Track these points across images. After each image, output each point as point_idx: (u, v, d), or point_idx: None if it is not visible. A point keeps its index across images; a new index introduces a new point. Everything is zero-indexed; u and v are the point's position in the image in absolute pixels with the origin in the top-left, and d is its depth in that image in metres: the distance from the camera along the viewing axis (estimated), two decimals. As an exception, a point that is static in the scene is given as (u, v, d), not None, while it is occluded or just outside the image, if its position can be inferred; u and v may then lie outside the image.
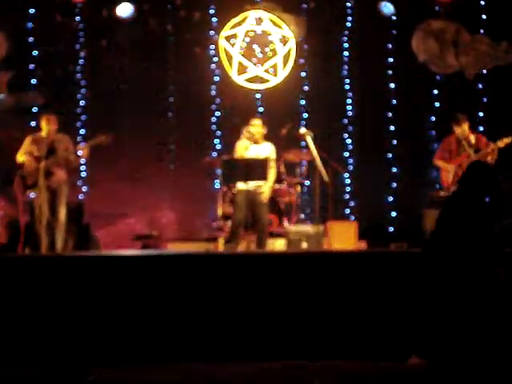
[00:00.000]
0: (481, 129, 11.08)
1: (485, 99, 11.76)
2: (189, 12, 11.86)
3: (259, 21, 10.75)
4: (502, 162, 8.94)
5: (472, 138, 8.65)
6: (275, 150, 9.20)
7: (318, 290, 7.03)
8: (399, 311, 6.98)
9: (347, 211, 11.75)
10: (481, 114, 11.63)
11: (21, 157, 8.45)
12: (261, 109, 11.85)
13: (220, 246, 9.60)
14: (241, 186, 8.86)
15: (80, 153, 8.63)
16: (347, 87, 12.04)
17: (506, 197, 8.42)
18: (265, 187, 8.89)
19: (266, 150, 9.04)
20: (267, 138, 9.26)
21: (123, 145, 11.64)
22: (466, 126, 8.69)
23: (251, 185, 8.80)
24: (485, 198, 5.91)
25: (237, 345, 6.88)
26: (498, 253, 5.95)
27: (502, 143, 8.51)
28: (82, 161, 10.61)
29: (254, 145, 9.00)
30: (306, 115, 11.93)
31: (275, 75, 10.68)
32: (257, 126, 9.00)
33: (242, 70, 10.67)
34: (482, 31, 11.51)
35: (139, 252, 9.07)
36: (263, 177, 8.78)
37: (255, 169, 8.61)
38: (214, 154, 11.53)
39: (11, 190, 8.43)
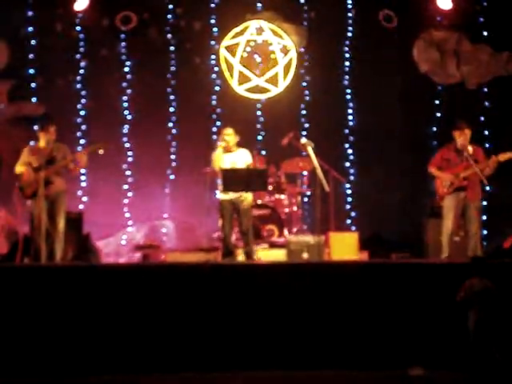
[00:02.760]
0: (482, 139, 11.02)
1: (486, 109, 11.71)
2: (189, 22, 11.86)
3: (260, 31, 10.73)
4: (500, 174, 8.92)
5: (470, 149, 8.58)
6: (250, 154, 9.14)
7: (319, 301, 6.99)
8: (401, 321, 6.95)
9: (348, 221, 11.69)
10: (482, 124, 11.57)
11: (19, 167, 8.39)
12: (261, 119, 11.81)
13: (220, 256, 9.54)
14: (223, 196, 8.77)
15: (78, 161, 8.53)
16: (348, 97, 12.01)
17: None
18: (247, 194, 8.83)
19: (242, 157, 8.98)
20: (266, 147, 9.23)
21: (123, 155, 11.64)
22: (468, 134, 8.61)
23: (233, 194, 8.72)
24: None
25: (236, 354, 6.85)
26: None
27: (502, 158, 8.44)
28: (82, 171, 10.57)
29: (228, 154, 8.94)
30: (306, 125, 11.89)
31: (276, 85, 10.65)
32: (230, 135, 8.96)
33: (242, 79, 10.65)
34: (483, 41, 11.47)
35: (139, 262, 9.03)
36: (264, 186, 8.75)
37: (255, 178, 8.56)
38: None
39: (11, 200, 8.36)
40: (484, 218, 10.73)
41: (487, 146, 10.68)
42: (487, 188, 9.20)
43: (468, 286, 6.48)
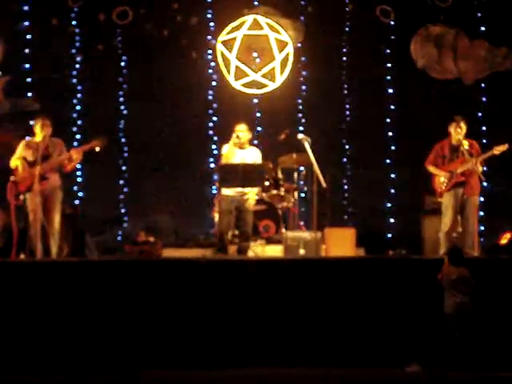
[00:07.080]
0: (479, 134, 10.99)
1: (483, 105, 11.68)
2: (186, 17, 11.81)
3: (257, 25, 10.67)
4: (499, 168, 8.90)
5: (465, 144, 8.51)
6: (261, 155, 9.09)
7: (316, 297, 6.98)
8: (397, 317, 6.94)
9: (345, 217, 11.66)
10: (479, 120, 11.55)
11: (14, 162, 8.34)
12: (258, 114, 11.79)
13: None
14: (225, 192, 8.73)
15: (72, 157, 8.48)
16: (345, 92, 11.98)
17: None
18: (250, 193, 8.79)
19: (252, 155, 8.92)
20: (261, 142, 9.19)
21: (119, 150, 11.61)
22: (463, 129, 8.55)
23: (236, 191, 8.68)
24: None
25: (233, 351, 6.83)
26: None
27: (497, 151, 8.40)
28: (78, 166, 10.53)
29: (239, 150, 8.89)
30: (303, 121, 11.87)
31: (273, 80, 10.60)
32: (242, 132, 8.90)
33: (239, 74, 10.60)
34: (481, 36, 11.43)
35: (135, 258, 9.02)
36: (260, 183, 8.71)
37: (252, 174, 8.53)
38: (211, 159, 11.47)
39: (4, 195, 8.30)
40: (481, 213, 10.72)
41: (484, 141, 10.63)
42: (484, 184, 9.15)
43: (446, 272, 6.61)
